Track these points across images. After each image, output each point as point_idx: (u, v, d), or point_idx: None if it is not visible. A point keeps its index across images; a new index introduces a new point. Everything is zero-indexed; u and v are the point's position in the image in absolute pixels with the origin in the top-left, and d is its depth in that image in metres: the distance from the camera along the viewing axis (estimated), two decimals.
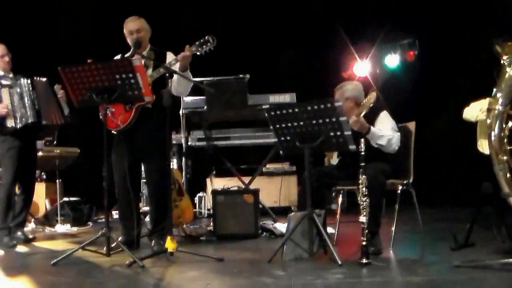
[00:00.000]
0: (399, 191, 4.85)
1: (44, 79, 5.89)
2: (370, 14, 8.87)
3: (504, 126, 3.83)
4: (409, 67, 8.99)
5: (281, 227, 5.91)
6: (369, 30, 8.99)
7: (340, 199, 5.61)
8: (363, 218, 4.24)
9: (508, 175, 3.80)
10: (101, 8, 9.23)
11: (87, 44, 9.08)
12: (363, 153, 4.30)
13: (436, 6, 8.31)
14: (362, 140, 4.37)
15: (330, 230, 5.35)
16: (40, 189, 7.30)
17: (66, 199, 7.40)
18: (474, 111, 4.36)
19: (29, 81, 5.77)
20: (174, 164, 7.36)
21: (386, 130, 4.83)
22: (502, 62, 3.85)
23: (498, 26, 6.92)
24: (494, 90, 3.86)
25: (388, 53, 9.34)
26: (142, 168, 5.73)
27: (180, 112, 6.99)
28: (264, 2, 9.15)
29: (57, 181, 7.34)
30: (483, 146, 4.28)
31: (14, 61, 5.89)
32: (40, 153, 6.73)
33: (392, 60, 9.33)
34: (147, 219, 5.64)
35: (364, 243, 4.16)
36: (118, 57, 5.16)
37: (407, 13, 8.45)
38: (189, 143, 7.25)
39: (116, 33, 5.30)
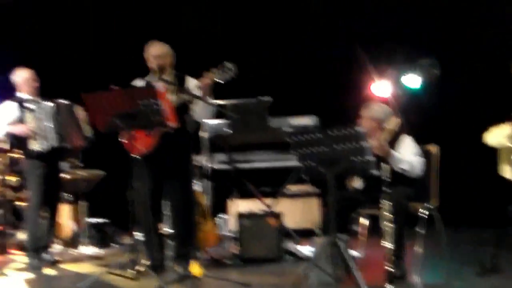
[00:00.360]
0: (423, 215, 4.85)
1: (66, 102, 5.99)
2: (389, 33, 8.87)
3: None
4: (430, 88, 8.95)
5: (304, 250, 5.94)
6: (388, 50, 8.98)
7: (363, 221, 5.61)
8: (387, 243, 4.26)
9: None
10: (101, 10, 9.26)
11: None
12: (386, 179, 4.34)
13: (460, 24, 8.29)
14: (385, 165, 4.40)
15: (354, 253, 5.36)
16: (65, 210, 7.37)
17: (91, 220, 7.48)
18: (498, 137, 4.38)
19: (52, 104, 5.88)
20: (197, 187, 7.41)
21: (408, 155, 4.86)
22: None
23: None
24: None
25: (407, 73, 9.30)
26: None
27: (203, 135, 7.06)
28: (277, 21, 9.15)
29: (82, 203, 7.41)
30: (505, 171, 4.29)
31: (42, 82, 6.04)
32: (65, 175, 6.82)
33: (413, 81, 9.29)
34: (171, 242, 5.69)
35: (388, 268, 4.18)
36: (137, 80, 5.25)
37: (429, 31, 8.44)
38: (211, 166, 7.32)
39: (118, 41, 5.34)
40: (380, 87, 9.06)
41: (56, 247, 6.87)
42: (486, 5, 7.90)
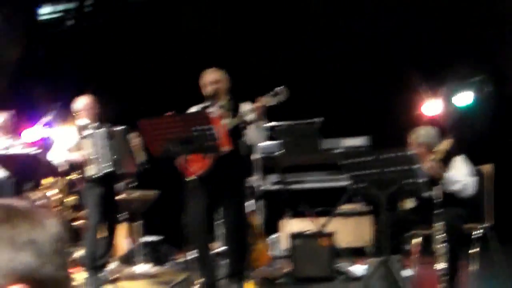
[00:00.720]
0: (477, 235, 4.84)
1: (121, 128, 6.14)
2: (440, 50, 8.84)
3: None
4: (482, 105, 8.86)
5: (356, 269, 5.96)
6: (439, 67, 8.94)
7: (416, 241, 5.61)
8: (440, 265, 4.27)
9: None
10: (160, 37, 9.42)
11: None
12: (438, 200, 4.35)
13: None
14: (437, 186, 4.42)
15: (407, 273, 5.35)
16: (120, 229, 7.53)
17: (146, 239, 7.64)
18: None
19: (106, 130, 6.02)
20: (249, 207, 7.52)
21: (461, 175, 4.86)
22: None
23: None
24: None
25: (459, 91, 9.23)
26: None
27: (255, 157, 7.18)
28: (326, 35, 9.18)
29: (137, 222, 7.58)
30: None
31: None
32: (120, 196, 6.99)
33: (464, 98, 9.21)
34: (225, 261, 5.79)
35: None
36: (194, 108, 5.40)
37: (480, 46, 8.38)
38: (264, 187, 7.43)
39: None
40: (432, 106, 9.02)
41: (113, 265, 7.03)
42: None
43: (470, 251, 4.89)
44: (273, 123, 6.70)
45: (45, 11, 10.31)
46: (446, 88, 8.98)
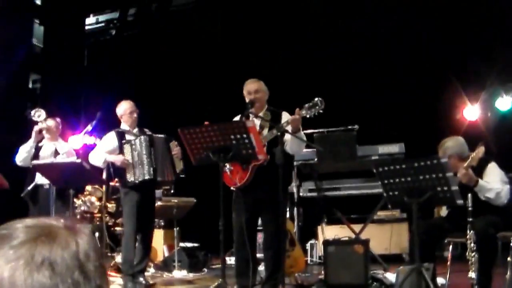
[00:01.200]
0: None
1: (162, 136, 6.24)
2: (480, 55, 8.76)
3: None
4: None
5: (391, 277, 5.95)
6: (479, 73, 8.86)
7: (450, 248, 5.59)
8: (472, 274, 4.26)
9: None
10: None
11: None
12: (470, 208, 4.34)
13: None
14: (469, 194, 4.41)
15: (441, 280, 5.34)
16: (158, 236, 7.67)
17: (183, 245, 7.75)
18: None
19: (148, 138, 6.11)
20: (286, 214, 7.59)
21: (494, 183, 4.83)
22: None
23: None
24: None
25: (499, 96, 9.14)
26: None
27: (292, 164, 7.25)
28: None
29: (174, 229, 7.70)
30: None
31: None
32: (158, 203, 7.11)
33: (504, 103, 9.12)
34: (261, 267, 5.84)
35: None
36: (237, 118, 5.49)
37: None
38: (300, 194, 7.48)
39: None
40: (471, 111, 8.95)
41: (150, 271, 7.16)
42: None
43: (505, 259, 4.85)
44: (310, 131, 6.75)
45: (90, 21, 10.61)
46: (486, 93, 8.91)
